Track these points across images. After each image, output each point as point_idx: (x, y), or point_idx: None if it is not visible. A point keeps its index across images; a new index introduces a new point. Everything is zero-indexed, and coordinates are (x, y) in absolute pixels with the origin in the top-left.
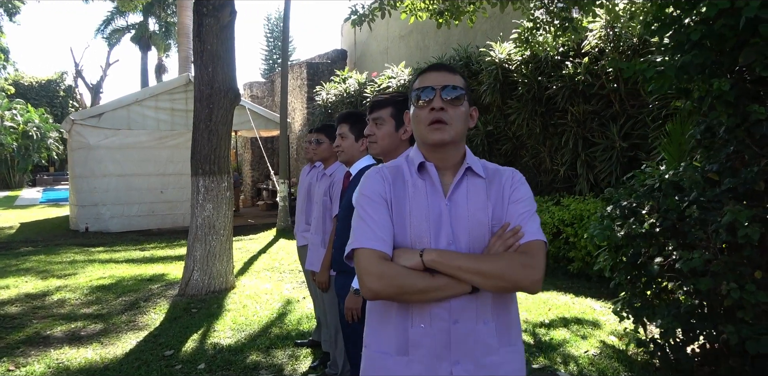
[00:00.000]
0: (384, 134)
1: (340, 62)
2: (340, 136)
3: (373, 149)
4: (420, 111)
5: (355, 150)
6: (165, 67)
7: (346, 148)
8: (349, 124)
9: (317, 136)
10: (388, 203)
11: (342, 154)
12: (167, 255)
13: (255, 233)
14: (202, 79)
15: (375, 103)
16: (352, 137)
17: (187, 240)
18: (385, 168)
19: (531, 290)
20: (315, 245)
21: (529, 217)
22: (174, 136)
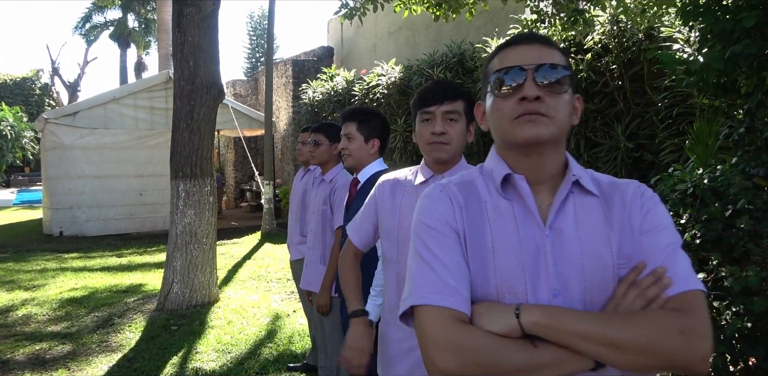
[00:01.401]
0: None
1: (326, 60)
2: (347, 137)
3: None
4: (503, 102)
5: (364, 153)
6: (145, 65)
7: (354, 151)
8: (356, 123)
9: (315, 137)
10: (460, 235)
11: (349, 158)
12: (146, 262)
13: (239, 236)
14: (183, 74)
15: None
16: (360, 138)
17: (167, 249)
18: (453, 184)
19: (698, 369)
20: (313, 262)
21: (674, 253)
22: (153, 136)
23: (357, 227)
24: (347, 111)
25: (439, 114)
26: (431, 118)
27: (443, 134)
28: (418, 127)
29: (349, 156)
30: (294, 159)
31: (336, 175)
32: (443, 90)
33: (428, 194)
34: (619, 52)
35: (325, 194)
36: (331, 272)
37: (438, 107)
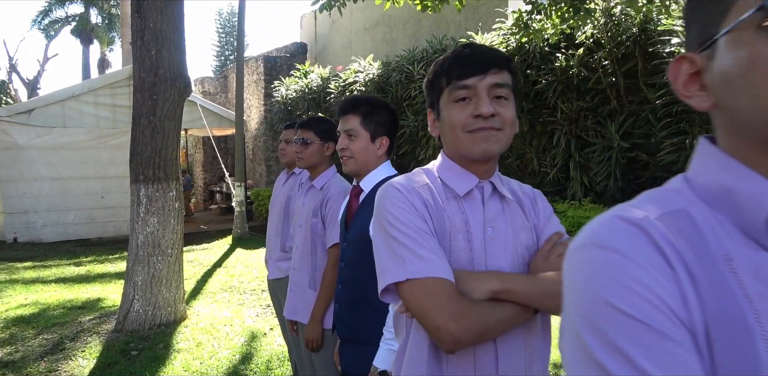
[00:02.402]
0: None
1: (299, 56)
2: (347, 134)
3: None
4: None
5: (370, 155)
6: (108, 62)
7: (357, 153)
8: (360, 116)
9: (303, 135)
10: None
11: (350, 161)
12: (106, 271)
13: (208, 241)
14: (143, 65)
15: None
16: (366, 136)
17: (127, 262)
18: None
19: None
20: (299, 286)
21: None
22: (116, 136)
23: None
24: (348, 101)
25: (484, 88)
26: (470, 95)
27: (493, 117)
28: (445, 112)
29: (351, 158)
30: (266, 160)
31: (328, 182)
32: (487, 54)
33: (398, 188)
34: (613, 47)
35: (315, 205)
36: (323, 300)
37: (481, 79)
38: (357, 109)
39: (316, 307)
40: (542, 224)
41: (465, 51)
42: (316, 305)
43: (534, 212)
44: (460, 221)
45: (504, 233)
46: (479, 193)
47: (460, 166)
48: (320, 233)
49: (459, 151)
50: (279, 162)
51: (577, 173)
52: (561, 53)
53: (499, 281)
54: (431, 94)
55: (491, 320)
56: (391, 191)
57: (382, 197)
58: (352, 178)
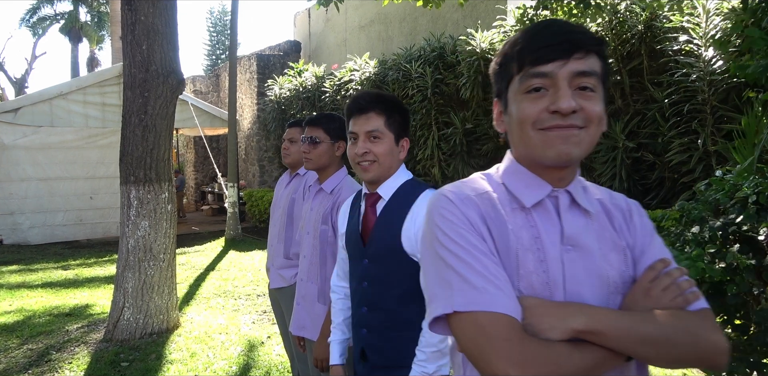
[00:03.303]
0: None
1: (293, 55)
2: (370, 135)
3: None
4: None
5: (394, 159)
6: (98, 61)
7: (383, 157)
8: (385, 115)
9: (312, 133)
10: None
11: (375, 167)
12: (95, 275)
13: (201, 243)
14: (134, 60)
15: None
16: (391, 138)
17: (116, 268)
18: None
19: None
20: (307, 299)
21: None
22: (105, 135)
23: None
24: (368, 97)
25: (565, 77)
26: (547, 84)
27: (575, 113)
28: (514, 104)
29: (375, 163)
30: (259, 160)
31: (339, 185)
32: (571, 34)
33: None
34: (617, 45)
35: (325, 210)
36: None
37: (562, 65)
38: (381, 106)
39: (326, 323)
40: (640, 245)
41: (543, 29)
42: (327, 321)
43: (628, 228)
44: (528, 236)
45: (587, 253)
46: (552, 204)
47: (530, 170)
48: (330, 241)
49: (528, 154)
50: (272, 162)
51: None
52: None
53: (585, 317)
54: (499, 80)
55: (568, 369)
56: (441, 201)
57: (432, 207)
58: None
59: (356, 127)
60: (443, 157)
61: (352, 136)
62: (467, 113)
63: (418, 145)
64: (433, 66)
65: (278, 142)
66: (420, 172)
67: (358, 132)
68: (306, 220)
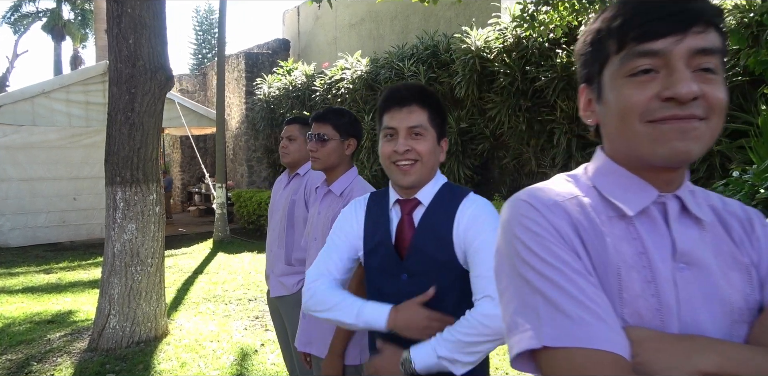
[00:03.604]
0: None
1: (282, 53)
2: (412, 132)
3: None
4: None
5: (436, 160)
6: (81, 59)
7: (425, 155)
8: (428, 111)
9: (320, 129)
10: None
11: (418, 168)
12: (79, 279)
13: (188, 245)
14: (120, 54)
15: None
16: (433, 136)
17: (101, 273)
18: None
19: None
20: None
21: None
22: (89, 134)
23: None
24: (410, 88)
25: (682, 56)
26: (658, 65)
27: (695, 100)
28: (613, 91)
29: (418, 163)
30: (248, 160)
31: (350, 186)
32: (686, 3)
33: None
34: None
35: (334, 214)
36: (345, 329)
37: (678, 41)
38: (425, 100)
39: (336, 338)
40: (767, 262)
41: None
42: (336, 336)
43: (750, 242)
44: (632, 251)
45: (705, 272)
46: (659, 211)
47: (631, 171)
48: None
49: (632, 151)
50: (261, 162)
51: None
52: (561, 49)
53: (716, 355)
54: (589, 62)
55: None
56: (522, 208)
57: (510, 216)
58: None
59: (395, 121)
60: None
61: (388, 133)
62: (462, 112)
63: None
64: (427, 64)
65: (267, 141)
66: None
67: (397, 127)
68: (313, 225)
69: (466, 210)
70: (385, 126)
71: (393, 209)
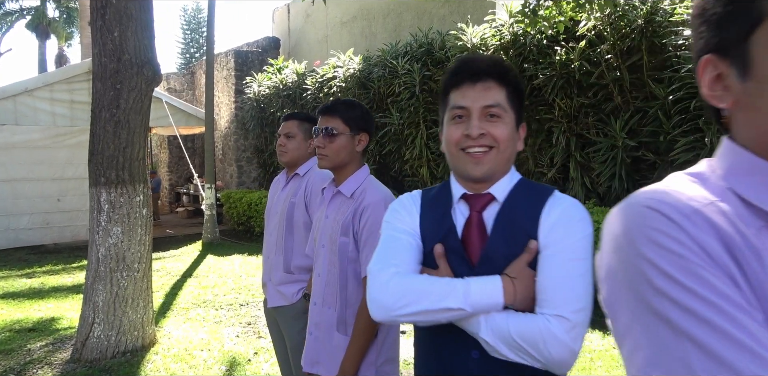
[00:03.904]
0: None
1: (272, 51)
2: (487, 112)
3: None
4: None
5: (515, 149)
6: (67, 58)
7: (503, 141)
8: (507, 89)
9: (329, 123)
10: None
11: (492, 154)
12: (62, 284)
13: (176, 247)
14: (105, 48)
15: None
16: (512, 118)
17: (85, 279)
18: None
19: None
20: (322, 327)
21: None
22: (74, 134)
23: None
24: (486, 60)
25: None
26: None
27: None
28: None
29: (494, 150)
30: (237, 160)
31: (361, 187)
32: None
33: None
34: (616, 40)
35: (344, 218)
36: (357, 348)
37: None
38: (503, 75)
39: (347, 357)
40: None
41: None
42: (348, 355)
43: None
44: None
45: None
46: None
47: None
48: (352, 257)
49: None
50: (251, 162)
51: (578, 174)
52: (560, 46)
53: None
54: (724, 25)
55: None
56: (650, 217)
57: (630, 227)
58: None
59: (467, 99)
60: (432, 157)
61: (456, 114)
62: None
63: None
64: (421, 62)
65: (257, 141)
66: (407, 173)
67: (470, 107)
68: (320, 230)
69: (553, 210)
70: (454, 105)
71: (457, 206)
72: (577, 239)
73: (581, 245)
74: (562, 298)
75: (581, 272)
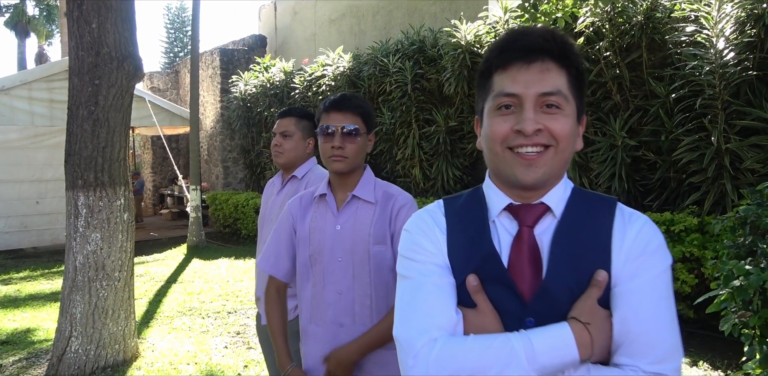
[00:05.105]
0: None
1: (258, 49)
2: (545, 102)
3: None
4: None
5: (573, 149)
6: (47, 56)
7: (563, 139)
8: (568, 73)
9: (350, 121)
10: None
11: (547, 155)
12: (40, 291)
13: (160, 250)
14: (82, 41)
15: None
16: (572, 109)
17: (62, 289)
18: None
19: None
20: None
21: None
22: (53, 134)
23: None
24: (541, 36)
25: None
26: None
27: None
28: None
29: (551, 150)
30: (223, 161)
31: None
32: None
33: None
34: (615, 37)
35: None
36: (377, 334)
37: None
38: (568, 56)
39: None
40: None
41: None
42: (367, 338)
43: None
44: None
45: None
46: None
47: None
48: (390, 265)
49: None
50: (237, 163)
51: (576, 174)
52: None
53: None
54: None
55: None
56: None
57: None
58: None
59: (518, 85)
60: (425, 157)
61: (503, 102)
62: (451, 110)
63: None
64: (413, 60)
65: (243, 141)
66: (399, 174)
67: (522, 94)
68: (333, 241)
69: (627, 231)
70: (500, 92)
71: (498, 220)
72: (659, 272)
73: (663, 279)
74: (657, 351)
75: (671, 317)
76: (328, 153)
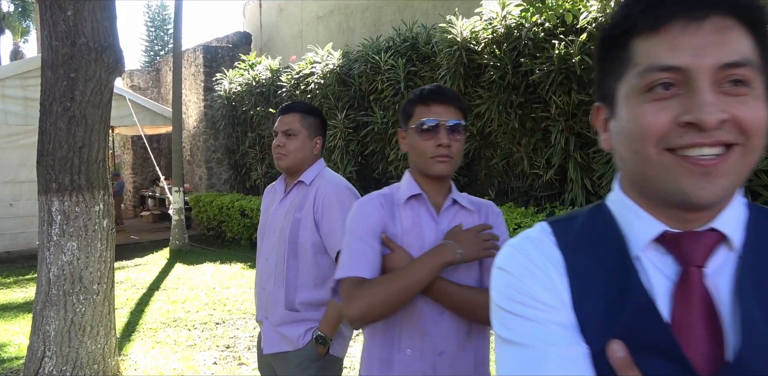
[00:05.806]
0: None
1: (243, 47)
2: (727, 79)
3: None
4: None
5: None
6: (23, 54)
7: (756, 133)
8: (753, 32)
9: (451, 112)
10: None
11: (733, 161)
12: (12, 301)
13: (141, 254)
14: (56, 30)
15: None
16: (762, 87)
17: (34, 304)
18: None
19: None
20: None
21: None
22: (28, 133)
23: None
24: None
25: None
26: None
27: None
28: None
29: (735, 151)
30: (207, 161)
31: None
32: None
33: None
34: None
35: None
36: None
37: None
38: (753, 12)
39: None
40: None
41: None
42: None
43: None
44: None
45: None
46: None
47: None
48: None
49: None
50: (221, 164)
51: (578, 175)
52: (558, 40)
53: None
54: None
55: None
56: None
57: None
58: None
59: (684, 52)
60: None
61: (657, 79)
62: None
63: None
64: (406, 57)
65: (228, 141)
66: (392, 175)
67: (691, 66)
68: None
69: None
70: (653, 65)
71: (645, 256)
72: None
73: None
74: None
75: None
76: (432, 153)
